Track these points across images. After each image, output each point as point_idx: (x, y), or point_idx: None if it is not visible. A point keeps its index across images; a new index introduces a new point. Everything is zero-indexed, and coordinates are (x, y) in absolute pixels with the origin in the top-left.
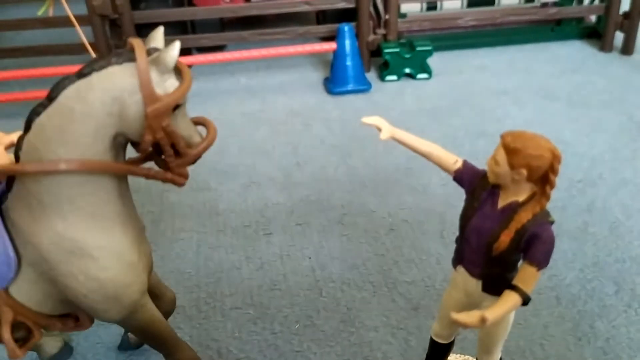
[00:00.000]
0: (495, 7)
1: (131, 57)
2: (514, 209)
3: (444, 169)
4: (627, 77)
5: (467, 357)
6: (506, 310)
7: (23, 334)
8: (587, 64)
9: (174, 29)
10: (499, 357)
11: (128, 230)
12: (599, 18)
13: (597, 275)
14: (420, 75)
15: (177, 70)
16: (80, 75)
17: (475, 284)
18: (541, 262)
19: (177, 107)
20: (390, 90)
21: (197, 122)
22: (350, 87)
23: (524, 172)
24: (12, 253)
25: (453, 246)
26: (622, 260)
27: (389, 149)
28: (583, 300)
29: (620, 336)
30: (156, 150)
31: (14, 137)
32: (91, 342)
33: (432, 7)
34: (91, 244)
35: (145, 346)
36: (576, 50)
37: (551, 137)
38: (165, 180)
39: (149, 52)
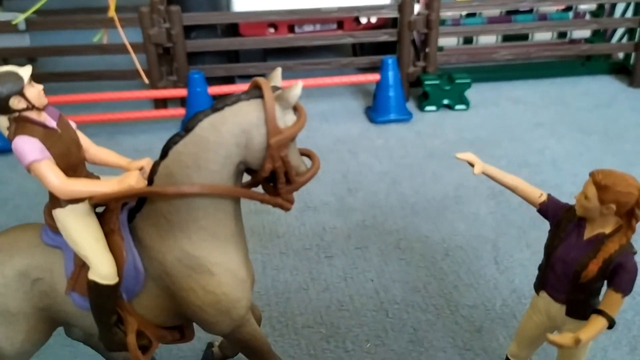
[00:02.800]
0: (529, 42)
1: (257, 94)
2: (600, 240)
3: (529, 201)
4: None
5: None
6: (596, 332)
7: (144, 343)
8: (618, 98)
9: (220, 58)
10: None
11: (240, 250)
12: (626, 55)
13: None
14: (458, 107)
15: (294, 107)
16: (215, 109)
17: (558, 309)
18: (626, 290)
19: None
20: (430, 120)
21: (303, 153)
22: (392, 116)
23: (613, 206)
24: (141, 269)
25: (507, 272)
26: None
27: (437, 178)
28: (638, 326)
29: None
30: (268, 179)
31: (142, 162)
32: (175, 355)
33: (468, 40)
34: (210, 261)
35: None
36: (606, 85)
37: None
38: (275, 204)
39: (272, 90)
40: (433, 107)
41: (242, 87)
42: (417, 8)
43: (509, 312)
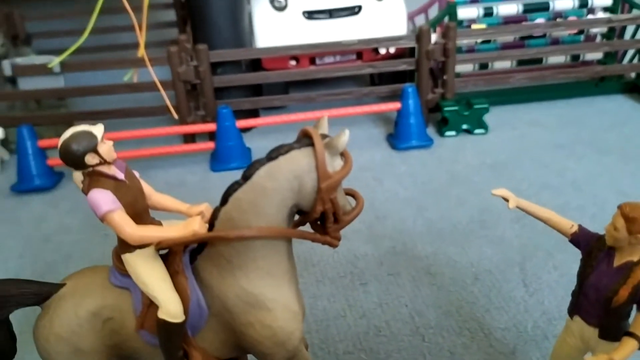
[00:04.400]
0: (543, 65)
1: (308, 143)
2: (630, 267)
3: (561, 232)
4: None
5: None
6: (628, 353)
7: None
8: (633, 117)
9: (244, 92)
10: None
11: (293, 285)
12: (638, 74)
13: None
14: (477, 131)
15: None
16: (270, 158)
17: (592, 332)
18: None
19: None
20: (451, 145)
21: (347, 193)
22: (414, 142)
23: None
24: (204, 306)
25: (536, 294)
26: None
27: (461, 202)
28: None
29: None
30: (318, 219)
31: (201, 208)
32: None
33: (483, 66)
34: (267, 297)
35: None
36: (620, 104)
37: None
38: (324, 242)
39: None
40: (453, 132)
41: (267, 119)
42: (433, 37)
43: (541, 334)
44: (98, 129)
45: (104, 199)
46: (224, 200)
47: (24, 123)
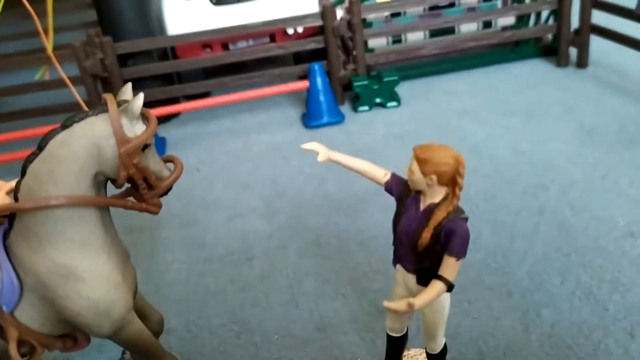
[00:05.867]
0: (455, 36)
1: (105, 109)
2: (431, 209)
3: (376, 182)
4: (581, 89)
5: (423, 350)
6: (432, 296)
7: (28, 350)
8: (545, 79)
9: (162, 81)
10: (443, 341)
11: (112, 255)
12: (554, 36)
13: (545, 269)
14: (389, 104)
15: (145, 117)
16: (64, 126)
17: (412, 279)
18: (459, 253)
19: (146, 147)
20: (363, 119)
21: (167, 159)
22: (325, 120)
23: (434, 177)
24: (15, 281)
25: None
26: (568, 254)
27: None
28: (532, 292)
29: (564, 321)
30: (133, 185)
31: (13, 183)
32: None
33: (397, 40)
34: (81, 268)
35: None
36: (535, 68)
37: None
38: (141, 209)
39: (119, 104)
40: (366, 107)
41: (178, 107)
42: (339, 14)
43: None
44: None
45: None
46: (23, 172)
47: None
